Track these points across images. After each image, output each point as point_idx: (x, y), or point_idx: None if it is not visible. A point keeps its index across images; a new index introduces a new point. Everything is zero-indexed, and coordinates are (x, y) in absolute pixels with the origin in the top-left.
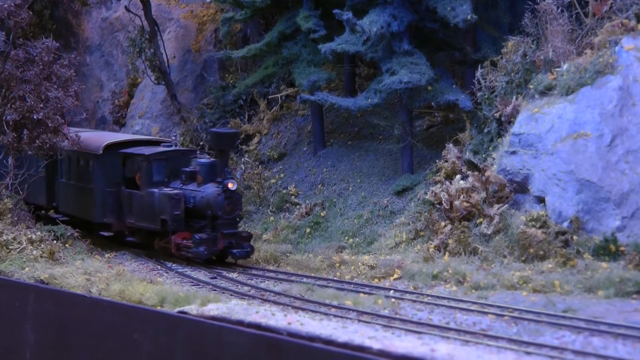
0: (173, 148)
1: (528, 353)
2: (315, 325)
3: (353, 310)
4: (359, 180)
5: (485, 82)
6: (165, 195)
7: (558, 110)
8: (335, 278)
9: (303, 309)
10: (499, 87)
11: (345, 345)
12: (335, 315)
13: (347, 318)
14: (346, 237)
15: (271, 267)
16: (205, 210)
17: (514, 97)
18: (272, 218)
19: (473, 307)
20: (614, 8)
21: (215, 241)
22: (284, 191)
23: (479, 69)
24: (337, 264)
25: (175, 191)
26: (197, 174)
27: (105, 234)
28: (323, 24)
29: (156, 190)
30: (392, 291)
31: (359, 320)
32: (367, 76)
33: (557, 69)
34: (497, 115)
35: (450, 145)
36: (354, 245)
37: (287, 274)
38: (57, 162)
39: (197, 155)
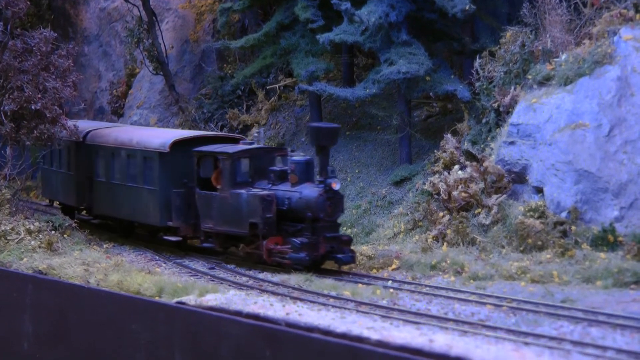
0: (257, 145)
1: (526, 344)
2: (313, 316)
3: (351, 301)
4: (357, 171)
5: (484, 72)
6: (255, 196)
7: (556, 101)
8: (333, 268)
9: (301, 300)
10: (497, 77)
11: (343, 335)
12: (333, 306)
13: (345, 308)
14: (344, 228)
15: None
16: (303, 212)
17: (512, 88)
18: None
19: (471, 298)
20: None
21: (317, 246)
22: None
23: (477, 59)
24: None
25: (266, 192)
26: (291, 173)
27: (172, 238)
28: (321, 14)
29: (243, 191)
30: (390, 281)
31: (358, 311)
32: (365, 66)
33: (555, 59)
34: (495, 105)
35: (449, 135)
36: (352, 235)
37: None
38: (92, 160)
39: (288, 152)
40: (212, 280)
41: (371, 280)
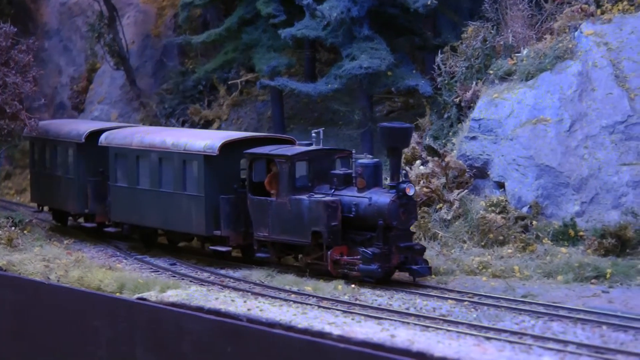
0: (316, 147)
1: (488, 338)
2: (275, 312)
3: (313, 297)
4: None
5: (445, 67)
6: (318, 202)
7: (518, 96)
8: (296, 264)
9: (263, 295)
10: (459, 72)
11: (305, 331)
12: (295, 302)
13: (307, 304)
14: None
15: None
16: (374, 219)
17: (474, 83)
18: None
19: (433, 293)
20: None
21: (389, 256)
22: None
23: (439, 54)
24: None
25: (331, 198)
26: (358, 177)
27: (221, 248)
28: (283, 9)
29: (304, 197)
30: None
31: (319, 307)
32: (327, 61)
33: (516, 54)
34: (457, 100)
35: None
36: None
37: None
38: (107, 163)
39: (352, 155)
40: (174, 276)
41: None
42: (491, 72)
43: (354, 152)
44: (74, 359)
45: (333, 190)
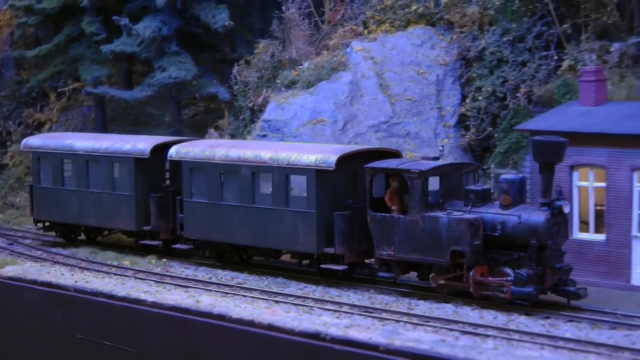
0: (446, 162)
1: (277, 302)
2: (98, 283)
3: (131, 269)
4: None
5: (241, 77)
6: (460, 221)
7: (300, 101)
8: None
9: (88, 269)
10: (252, 81)
11: (124, 298)
12: (115, 274)
13: (125, 276)
14: None
15: None
16: (525, 239)
17: (265, 90)
18: None
19: (231, 267)
20: (345, 16)
21: (544, 278)
22: None
23: (235, 66)
24: None
25: (474, 215)
26: (503, 194)
27: (335, 267)
28: (104, 28)
29: (441, 214)
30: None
31: (136, 278)
32: (142, 72)
33: (299, 67)
34: (250, 105)
35: (212, 130)
36: None
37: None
38: (179, 178)
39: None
40: (11, 255)
41: (147, 252)
42: (278, 81)
43: (481, 166)
44: None
45: (470, 207)
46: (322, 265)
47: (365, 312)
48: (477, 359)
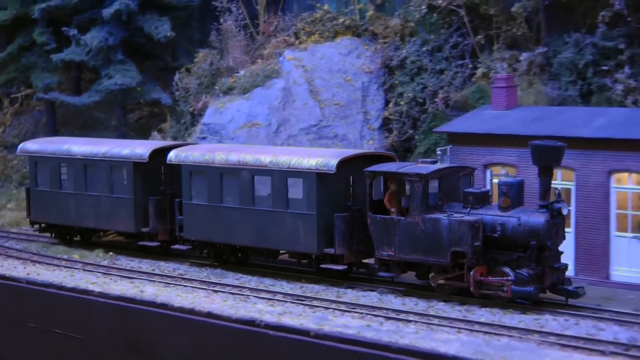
0: (446, 165)
1: (215, 291)
2: (49, 275)
3: (79, 262)
4: None
5: (182, 84)
6: (462, 222)
7: (237, 106)
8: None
9: (40, 262)
10: (192, 88)
11: (73, 289)
12: (65, 267)
13: (74, 268)
14: None
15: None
16: (524, 240)
17: (204, 96)
18: (14, 191)
19: (173, 258)
20: (278, 28)
21: (543, 277)
22: (24, 170)
23: (177, 74)
24: None
25: (474, 217)
26: (502, 196)
27: (335, 267)
28: (54, 38)
29: (442, 216)
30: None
31: (84, 270)
32: (90, 80)
33: (236, 74)
34: (191, 109)
35: (155, 132)
36: None
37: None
38: (178, 181)
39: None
40: None
41: (95, 247)
42: (217, 87)
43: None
44: None
45: (469, 209)
46: (322, 265)
47: (297, 300)
48: (400, 343)
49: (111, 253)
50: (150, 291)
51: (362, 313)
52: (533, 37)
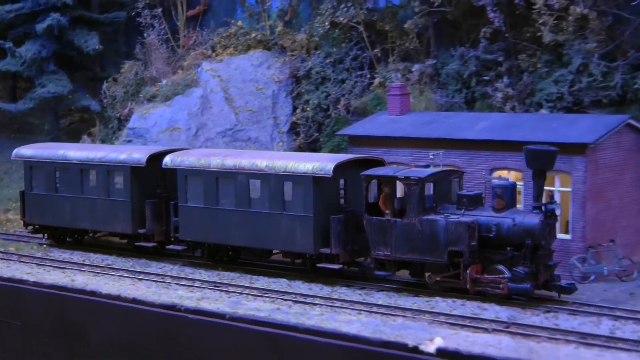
0: (439, 169)
1: (140, 279)
2: None
3: (15, 254)
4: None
5: (109, 92)
6: (459, 223)
7: (160, 112)
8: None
9: None
10: (119, 95)
11: (9, 279)
12: (1, 259)
13: (10, 260)
14: (11, 202)
15: None
16: (519, 239)
17: (129, 103)
18: None
19: (101, 250)
20: (196, 42)
21: (538, 275)
22: None
23: (105, 83)
24: (5, 221)
25: (470, 218)
26: (497, 198)
27: (331, 266)
28: None
29: (439, 217)
30: (44, 239)
31: (20, 261)
32: (25, 88)
33: (159, 83)
34: (118, 115)
35: (85, 136)
36: (17, 208)
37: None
38: (174, 185)
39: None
40: None
41: (31, 239)
42: (141, 95)
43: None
44: None
45: (463, 211)
46: (318, 265)
47: (214, 286)
48: (307, 324)
49: (44, 246)
50: (81, 280)
51: (272, 297)
52: (423, 50)
